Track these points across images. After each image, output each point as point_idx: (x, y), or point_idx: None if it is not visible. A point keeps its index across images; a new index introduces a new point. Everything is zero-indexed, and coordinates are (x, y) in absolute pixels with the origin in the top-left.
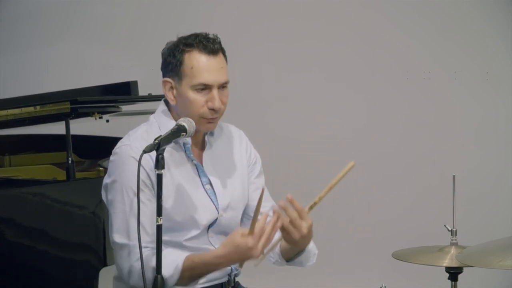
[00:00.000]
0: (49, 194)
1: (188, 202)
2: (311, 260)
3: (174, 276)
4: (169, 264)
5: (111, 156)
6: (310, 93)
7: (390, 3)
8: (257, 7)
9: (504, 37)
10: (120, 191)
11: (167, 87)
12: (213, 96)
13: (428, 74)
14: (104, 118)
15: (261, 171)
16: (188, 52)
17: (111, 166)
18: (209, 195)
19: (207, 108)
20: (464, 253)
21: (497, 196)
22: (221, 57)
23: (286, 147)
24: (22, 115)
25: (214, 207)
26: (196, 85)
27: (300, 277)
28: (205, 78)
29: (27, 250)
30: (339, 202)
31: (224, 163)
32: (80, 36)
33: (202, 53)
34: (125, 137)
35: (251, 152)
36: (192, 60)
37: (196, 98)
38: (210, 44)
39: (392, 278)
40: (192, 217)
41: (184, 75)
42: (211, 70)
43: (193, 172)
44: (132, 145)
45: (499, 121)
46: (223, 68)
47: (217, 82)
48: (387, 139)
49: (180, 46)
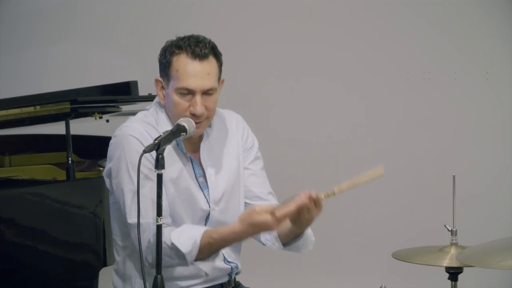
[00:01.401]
0: (49, 194)
1: (181, 194)
2: (308, 246)
3: (193, 252)
4: (187, 239)
5: (111, 140)
6: (311, 94)
7: (390, 3)
8: (258, 9)
9: (504, 37)
10: (126, 171)
11: (158, 86)
12: (195, 101)
13: (428, 74)
14: (104, 118)
15: (257, 156)
16: (177, 54)
17: (112, 149)
18: (202, 188)
19: (189, 113)
20: (464, 253)
21: (497, 196)
22: (210, 62)
23: (287, 147)
24: (22, 115)
25: (205, 201)
26: (179, 88)
27: (300, 276)
28: (188, 83)
29: (27, 250)
30: (339, 202)
31: (220, 153)
32: (80, 36)
33: (188, 57)
34: (124, 122)
35: (248, 137)
36: (179, 64)
37: (179, 102)
38: (198, 49)
39: (392, 278)
40: (186, 211)
41: (171, 77)
42: (196, 75)
43: (185, 165)
44: (131, 126)
45: (499, 121)
46: (210, 74)
47: (200, 88)
48: (387, 139)
49: (171, 47)
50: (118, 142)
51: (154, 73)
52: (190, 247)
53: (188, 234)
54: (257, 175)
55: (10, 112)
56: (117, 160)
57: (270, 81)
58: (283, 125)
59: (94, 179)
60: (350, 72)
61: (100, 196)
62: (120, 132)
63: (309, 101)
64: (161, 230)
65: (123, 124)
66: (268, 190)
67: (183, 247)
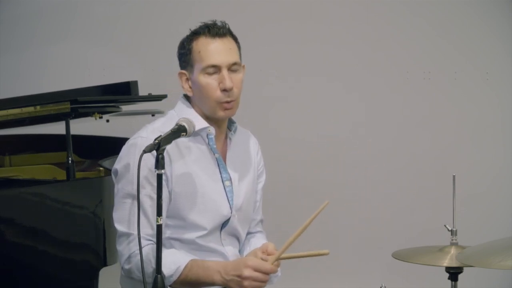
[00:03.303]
0: (49, 194)
1: (204, 194)
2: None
3: (173, 277)
4: (171, 263)
5: (125, 144)
6: (311, 94)
7: (390, 3)
8: (258, 9)
9: (504, 37)
10: (130, 182)
11: (183, 79)
12: (223, 76)
13: (428, 74)
14: (104, 118)
15: (263, 184)
16: (196, 39)
17: (125, 153)
18: (227, 192)
19: (220, 90)
20: (464, 253)
21: (497, 196)
22: (229, 39)
23: (287, 147)
24: (22, 115)
25: (228, 206)
26: (205, 67)
27: (300, 277)
28: (212, 59)
29: (27, 250)
30: (339, 202)
31: (242, 162)
32: (80, 36)
33: (208, 37)
34: (142, 129)
35: (261, 160)
36: (200, 46)
37: (208, 82)
38: (215, 28)
39: (392, 278)
40: (207, 213)
41: (194, 62)
42: (218, 51)
43: (214, 166)
44: (149, 138)
45: (499, 121)
46: (232, 49)
47: (225, 62)
48: (387, 139)
49: (188, 37)
50: (131, 153)
51: (154, 73)
52: (172, 272)
53: (173, 258)
54: (257, 201)
55: (10, 112)
56: (126, 168)
57: (270, 81)
58: (283, 125)
59: (94, 179)
60: (350, 72)
61: (100, 196)
62: (135, 142)
63: (309, 101)
64: (161, 230)
65: (140, 133)
66: (260, 218)
67: (165, 269)
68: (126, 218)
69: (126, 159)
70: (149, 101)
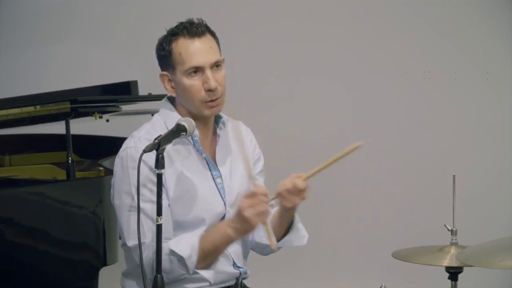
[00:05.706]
0: (49, 194)
1: (197, 197)
2: (300, 240)
3: (193, 258)
4: (185, 244)
5: (116, 158)
6: (311, 94)
7: (390, 3)
8: (258, 9)
9: (504, 37)
10: (129, 194)
11: (165, 80)
12: (207, 77)
13: (428, 74)
14: (104, 118)
15: (262, 169)
16: (175, 40)
17: (118, 168)
18: (219, 189)
19: (205, 91)
20: (464, 253)
21: (497, 195)
22: (208, 37)
23: (287, 147)
24: (22, 115)
25: (222, 203)
26: (187, 69)
27: (300, 276)
28: (195, 61)
29: (27, 250)
30: (340, 202)
31: (233, 156)
32: (80, 36)
33: (187, 38)
34: (128, 139)
35: (255, 148)
36: (180, 47)
37: (192, 84)
38: (194, 28)
39: (392, 278)
40: (201, 213)
41: (176, 64)
42: (200, 52)
43: (202, 166)
44: (137, 146)
45: (499, 121)
46: (212, 47)
47: (207, 62)
48: (387, 139)
49: (166, 38)
50: (124, 165)
51: (154, 73)
52: (189, 251)
53: (185, 239)
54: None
55: (10, 112)
56: (121, 182)
57: (270, 81)
58: (283, 125)
59: (94, 178)
60: (350, 72)
61: (100, 196)
62: (125, 154)
63: (309, 101)
64: (161, 230)
65: (128, 143)
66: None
67: (182, 252)
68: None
69: (120, 173)
70: (149, 101)
